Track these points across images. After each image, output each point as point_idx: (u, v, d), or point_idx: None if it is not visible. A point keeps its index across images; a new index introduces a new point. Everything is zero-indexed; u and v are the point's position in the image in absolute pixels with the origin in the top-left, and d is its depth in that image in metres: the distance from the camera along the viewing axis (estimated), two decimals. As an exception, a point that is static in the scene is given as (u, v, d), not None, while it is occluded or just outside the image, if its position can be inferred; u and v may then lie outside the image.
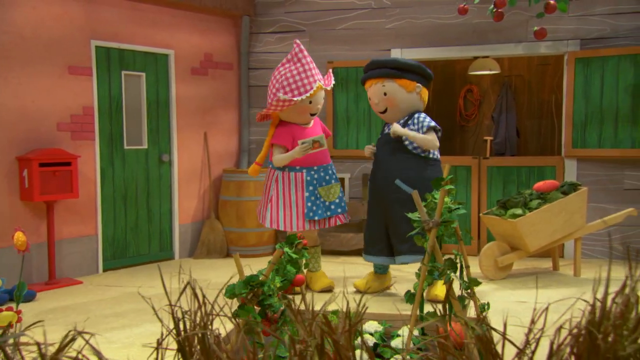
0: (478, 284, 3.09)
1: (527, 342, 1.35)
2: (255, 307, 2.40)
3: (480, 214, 5.05)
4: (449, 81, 7.75)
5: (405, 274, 5.07)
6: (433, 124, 4.26)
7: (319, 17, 6.29)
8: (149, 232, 5.68)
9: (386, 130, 4.51)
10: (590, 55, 5.54)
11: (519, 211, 4.68)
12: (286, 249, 2.99)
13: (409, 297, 2.99)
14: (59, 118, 4.94)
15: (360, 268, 5.41)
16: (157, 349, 1.18)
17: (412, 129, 4.30)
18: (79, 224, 5.11)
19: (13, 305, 2.91)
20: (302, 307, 3.51)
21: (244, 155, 6.45)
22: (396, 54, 6.10)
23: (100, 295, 4.54)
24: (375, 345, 2.89)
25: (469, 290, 3.16)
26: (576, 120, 5.64)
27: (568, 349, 1.23)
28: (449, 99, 7.77)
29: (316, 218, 4.38)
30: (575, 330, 1.24)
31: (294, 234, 3.24)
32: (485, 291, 4.48)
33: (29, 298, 4.32)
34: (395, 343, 2.94)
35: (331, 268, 5.39)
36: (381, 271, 4.58)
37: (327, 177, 4.48)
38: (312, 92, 4.30)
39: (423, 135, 4.21)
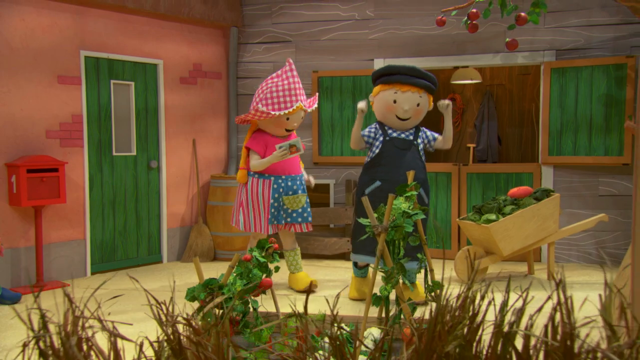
0: (441, 286, 3.09)
1: (381, 342, 1.36)
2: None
3: (457, 219, 5.06)
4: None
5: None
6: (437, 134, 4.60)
7: (304, 28, 6.32)
8: (137, 236, 5.69)
9: (392, 134, 4.39)
10: (565, 66, 5.56)
11: (492, 216, 4.69)
12: (255, 253, 3.00)
13: (375, 299, 3.00)
14: (48, 125, 4.96)
15: (341, 272, 5.42)
16: (22, 352, 1.19)
17: (423, 141, 4.52)
18: (67, 228, 5.12)
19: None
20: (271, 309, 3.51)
21: (232, 162, 6.47)
22: (379, 64, 6.12)
23: (84, 299, 4.55)
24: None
25: (432, 293, 3.16)
26: (552, 129, 5.66)
27: (412, 347, 1.25)
28: (433, 107, 7.78)
29: (275, 223, 4.55)
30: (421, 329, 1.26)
31: (265, 239, 3.25)
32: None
33: (15, 300, 4.33)
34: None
35: (313, 271, 5.40)
36: (362, 274, 4.58)
37: (295, 187, 4.59)
38: (290, 110, 4.47)
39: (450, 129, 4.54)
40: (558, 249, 5.69)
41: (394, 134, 4.44)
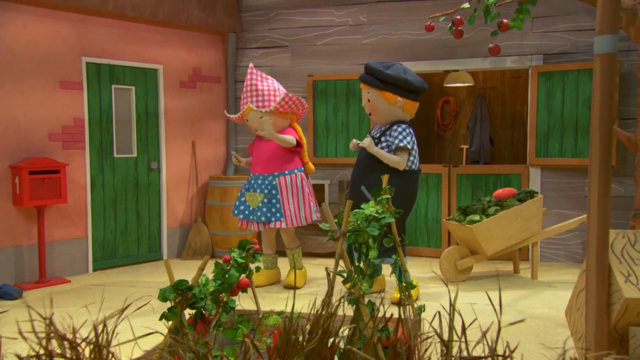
0: (413, 287, 3.12)
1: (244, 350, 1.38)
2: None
3: (444, 220, 5.06)
4: (427, 92, 7.75)
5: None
6: (403, 143, 4.21)
7: (300, 34, 6.34)
8: (138, 235, 5.76)
9: (373, 132, 4.50)
10: (552, 70, 5.53)
11: (476, 217, 4.69)
12: (233, 254, 3.03)
13: (351, 300, 3.02)
14: (51, 129, 5.04)
15: (319, 269, 5.44)
16: None
17: (387, 140, 4.30)
18: (70, 227, 5.20)
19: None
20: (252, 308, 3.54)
21: (230, 163, 6.51)
22: (372, 68, 6.12)
23: (82, 294, 4.62)
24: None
25: (406, 293, 3.18)
26: (539, 131, 5.63)
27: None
28: (427, 109, 7.77)
29: (240, 216, 4.73)
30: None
31: (247, 240, 3.28)
32: (441, 293, 4.49)
33: (17, 295, 4.41)
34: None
35: (307, 269, 5.42)
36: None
37: (255, 186, 4.72)
38: (239, 113, 4.74)
39: (390, 155, 4.22)
40: (546, 249, 5.67)
41: (373, 132, 4.48)
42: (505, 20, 4.45)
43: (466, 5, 4.58)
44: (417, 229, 6.06)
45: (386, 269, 5.07)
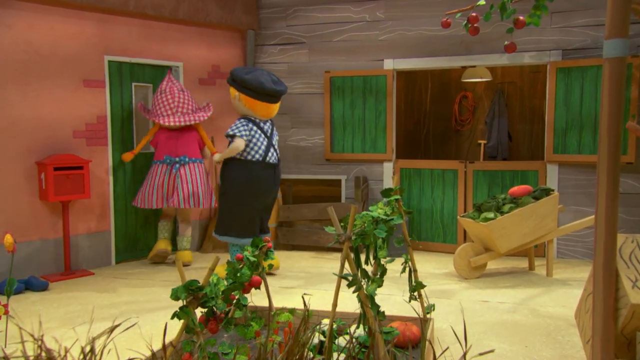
0: (423, 286, 3.12)
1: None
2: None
3: (459, 216, 5.02)
4: (445, 88, 7.67)
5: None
6: (231, 132, 4.69)
7: (317, 30, 6.34)
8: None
9: None
10: (571, 65, 5.42)
11: (491, 215, 4.65)
12: (245, 253, 3.07)
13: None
14: (75, 126, 5.14)
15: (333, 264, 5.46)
16: None
17: None
18: (93, 221, 5.32)
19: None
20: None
21: (249, 158, 6.55)
22: (388, 64, 6.10)
23: (104, 287, 4.73)
24: (322, 342, 2.95)
25: (415, 293, 3.19)
26: (557, 127, 5.54)
27: None
28: (445, 104, 7.70)
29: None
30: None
31: (259, 238, 3.31)
32: (454, 290, 4.47)
33: (43, 287, 4.54)
34: (342, 340, 2.99)
35: (321, 263, 5.45)
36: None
37: None
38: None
39: (226, 150, 4.74)
40: (563, 245, 5.59)
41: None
42: (521, 17, 4.37)
43: (482, 2, 4.51)
44: (432, 225, 6.03)
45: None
